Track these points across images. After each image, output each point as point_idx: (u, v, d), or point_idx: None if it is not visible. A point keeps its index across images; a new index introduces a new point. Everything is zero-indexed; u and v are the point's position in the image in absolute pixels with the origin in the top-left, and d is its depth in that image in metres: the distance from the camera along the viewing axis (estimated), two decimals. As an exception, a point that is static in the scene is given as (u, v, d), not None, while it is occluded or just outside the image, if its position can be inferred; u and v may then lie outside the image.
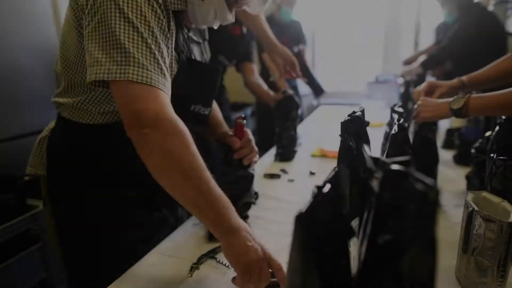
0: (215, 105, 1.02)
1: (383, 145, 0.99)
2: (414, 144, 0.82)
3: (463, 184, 1.09)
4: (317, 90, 2.09)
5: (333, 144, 1.53)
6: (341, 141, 0.71)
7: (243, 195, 0.88)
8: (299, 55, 2.04)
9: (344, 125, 0.70)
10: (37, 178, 1.36)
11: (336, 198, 0.35)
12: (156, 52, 0.64)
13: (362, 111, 0.74)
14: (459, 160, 1.32)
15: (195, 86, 0.84)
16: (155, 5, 0.66)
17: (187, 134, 0.62)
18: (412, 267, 0.27)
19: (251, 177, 0.91)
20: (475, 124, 1.29)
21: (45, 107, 1.63)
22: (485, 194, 0.63)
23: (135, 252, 0.81)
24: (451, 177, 1.19)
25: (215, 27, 0.86)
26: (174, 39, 0.74)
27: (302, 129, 1.89)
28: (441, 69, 2.38)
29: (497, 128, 0.77)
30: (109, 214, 0.84)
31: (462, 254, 0.63)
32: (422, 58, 2.38)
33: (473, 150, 1.01)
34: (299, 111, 1.53)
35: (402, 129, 0.67)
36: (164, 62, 0.66)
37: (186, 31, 0.83)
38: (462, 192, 1.06)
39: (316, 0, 3.83)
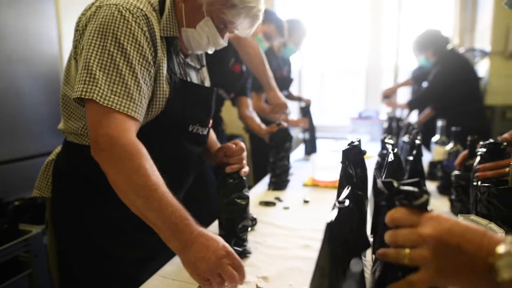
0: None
1: (376, 172, 1.06)
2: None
3: (449, 212, 1.16)
4: (312, 148, 2.25)
5: (324, 174, 1.61)
6: (342, 168, 0.77)
7: (239, 218, 0.90)
8: (306, 110, 2.22)
9: (345, 153, 0.76)
10: (28, 203, 1.35)
11: (355, 210, 0.40)
12: (128, 79, 0.71)
13: (359, 141, 0.81)
14: (442, 190, 1.40)
15: (191, 107, 0.88)
16: (139, 34, 0.73)
17: (141, 155, 0.68)
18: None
19: (246, 198, 0.93)
20: (455, 156, 1.39)
21: (39, 132, 1.64)
22: (473, 217, 0.69)
23: (136, 276, 0.82)
24: (436, 205, 1.27)
25: (210, 52, 0.94)
26: (165, 63, 0.80)
27: (292, 160, 1.96)
28: (426, 116, 2.53)
29: (478, 158, 0.86)
30: (111, 236, 0.85)
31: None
32: (400, 90, 2.56)
33: (453, 178, 1.10)
34: (292, 143, 1.60)
35: (397, 157, 0.74)
36: (139, 88, 0.72)
37: (183, 56, 0.90)
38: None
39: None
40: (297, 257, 0.89)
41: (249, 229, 0.95)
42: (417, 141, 1.06)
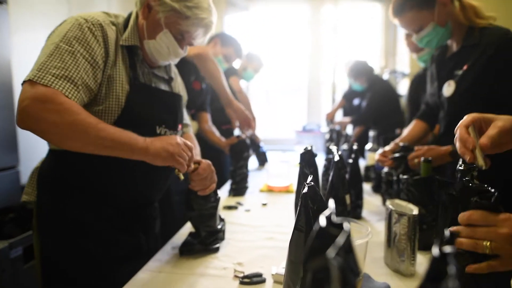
0: None
1: (324, 173, 1.27)
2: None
3: (381, 206, 1.42)
4: (263, 160, 2.52)
5: (277, 181, 1.80)
6: (299, 168, 0.96)
7: (207, 219, 0.99)
8: (255, 136, 2.44)
9: (301, 156, 0.95)
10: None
11: (317, 188, 0.57)
12: (70, 65, 0.80)
13: (311, 147, 1.00)
14: (376, 189, 1.68)
15: (155, 109, 0.97)
16: (89, 37, 0.85)
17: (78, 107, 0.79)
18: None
19: (214, 207, 1.00)
20: (385, 161, 1.68)
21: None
22: (397, 201, 0.92)
23: (120, 273, 0.89)
24: (372, 201, 1.52)
25: (173, 63, 1.06)
26: (122, 67, 0.91)
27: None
28: (359, 131, 2.98)
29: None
30: (93, 237, 0.92)
31: (387, 246, 0.89)
32: (338, 113, 2.97)
33: (383, 175, 1.36)
34: (250, 152, 1.78)
35: (341, 157, 0.95)
36: (78, 75, 0.81)
37: (149, 67, 1.01)
38: (381, 211, 1.38)
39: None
40: (264, 247, 1.04)
41: (220, 226, 1.07)
42: (355, 147, 1.30)
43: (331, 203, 0.34)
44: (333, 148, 1.16)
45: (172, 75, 1.12)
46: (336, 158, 0.92)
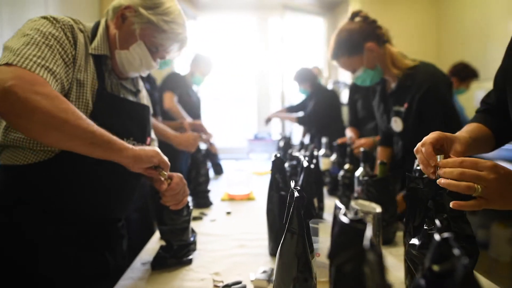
0: None
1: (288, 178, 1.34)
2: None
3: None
4: (219, 170, 2.54)
5: (237, 189, 1.82)
6: (271, 174, 0.99)
7: (180, 233, 0.98)
8: (212, 146, 2.46)
9: (273, 163, 0.99)
10: None
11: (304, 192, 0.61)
12: (44, 50, 0.76)
13: (280, 155, 1.05)
14: (331, 192, 1.78)
15: (122, 120, 0.94)
16: (60, 32, 0.82)
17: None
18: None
19: (186, 222, 0.99)
20: (338, 165, 1.79)
21: None
22: (360, 201, 1.00)
23: None
24: (329, 204, 1.62)
25: (144, 75, 1.05)
26: (89, 74, 0.87)
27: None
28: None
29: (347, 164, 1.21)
30: (51, 257, 0.85)
31: (354, 243, 0.96)
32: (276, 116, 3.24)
33: (340, 178, 1.46)
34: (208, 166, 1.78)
35: (310, 164, 1.01)
36: (53, 59, 0.77)
37: (117, 77, 0.98)
38: (340, 213, 1.48)
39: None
40: (237, 255, 1.05)
41: (192, 238, 1.06)
42: (315, 153, 1.38)
43: (338, 203, 0.37)
44: (300, 155, 1.22)
45: (139, 87, 1.10)
46: (305, 164, 0.98)
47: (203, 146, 1.89)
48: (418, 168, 0.76)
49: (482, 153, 0.82)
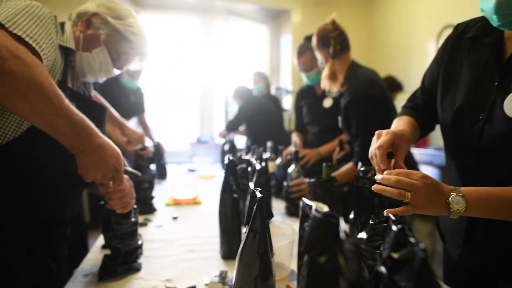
0: None
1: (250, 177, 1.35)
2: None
3: (283, 208, 1.57)
4: (163, 173, 2.46)
5: (183, 193, 1.78)
6: (224, 177, 0.99)
7: (130, 237, 0.93)
8: (159, 146, 2.41)
9: (226, 166, 0.99)
10: None
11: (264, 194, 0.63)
12: (41, 32, 0.73)
13: (232, 158, 1.06)
14: (277, 194, 1.84)
15: None
16: (47, 17, 0.78)
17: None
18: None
19: (134, 225, 0.95)
20: (283, 167, 1.86)
21: None
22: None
23: None
24: (275, 206, 1.67)
25: (100, 81, 1.01)
26: (60, 66, 0.84)
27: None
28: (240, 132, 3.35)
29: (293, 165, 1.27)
30: None
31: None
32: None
33: (285, 183, 1.52)
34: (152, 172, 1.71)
35: (265, 166, 1.03)
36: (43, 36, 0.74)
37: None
38: (283, 213, 1.53)
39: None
40: (187, 260, 1.03)
41: (140, 242, 1.01)
42: (264, 156, 1.42)
43: (307, 200, 0.40)
44: (251, 158, 1.24)
45: (91, 93, 1.08)
46: (258, 166, 1.00)
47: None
48: (363, 168, 0.83)
49: (413, 143, 0.92)
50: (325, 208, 0.99)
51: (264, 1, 4.25)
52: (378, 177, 0.68)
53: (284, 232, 0.93)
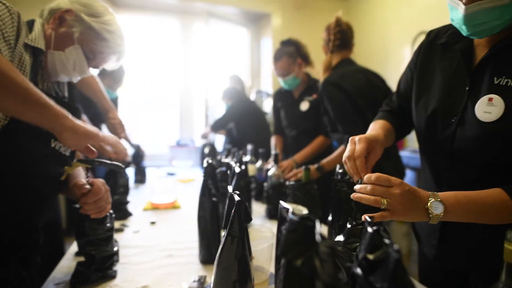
0: None
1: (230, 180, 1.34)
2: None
3: (264, 212, 1.57)
4: (143, 176, 2.40)
5: (161, 197, 1.75)
6: (203, 180, 0.98)
7: (105, 243, 0.91)
8: (139, 149, 2.36)
9: (205, 169, 0.98)
10: None
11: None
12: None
13: (211, 162, 1.05)
14: (257, 197, 1.84)
15: None
16: (6, 14, 0.76)
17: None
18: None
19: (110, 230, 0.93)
20: (263, 170, 1.86)
21: None
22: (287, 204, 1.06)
23: None
24: (255, 209, 1.66)
25: (75, 80, 0.97)
26: (24, 62, 0.81)
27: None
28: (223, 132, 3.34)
29: (273, 168, 1.27)
30: None
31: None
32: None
33: (266, 184, 1.52)
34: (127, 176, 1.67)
35: (245, 169, 1.03)
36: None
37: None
38: (263, 216, 1.52)
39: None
40: (165, 265, 1.00)
41: (116, 248, 0.98)
42: (244, 159, 1.41)
43: (284, 204, 0.40)
44: (230, 161, 1.23)
45: (65, 94, 1.03)
46: (237, 170, 1.00)
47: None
48: (341, 171, 0.84)
49: (387, 146, 0.94)
50: (304, 211, 1.00)
51: (244, 4, 4.27)
52: (357, 186, 0.70)
53: (264, 235, 0.92)
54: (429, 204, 0.67)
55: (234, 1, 4.20)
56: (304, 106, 2.07)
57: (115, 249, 0.94)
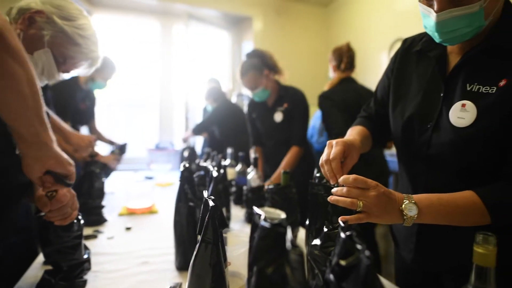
0: None
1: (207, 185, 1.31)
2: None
3: (241, 215, 1.55)
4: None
5: (138, 202, 1.70)
6: (179, 185, 0.96)
7: (71, 251, 0.87)
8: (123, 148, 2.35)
9: (181, 173, 0.96)
10: None
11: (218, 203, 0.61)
12: None
13: (187, 165, 1.03)
14: (237, 201, 1.82)
15: None
16: None
17: None
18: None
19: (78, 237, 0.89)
20: (243, 174, 1.85)
21: None
22: (266, 208, 1.05)
23: None
24: (234, 213, 1.64)
25: (41, 85, 0.93)
26: None
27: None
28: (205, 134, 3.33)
29: (253, 172, 1.26)
30: None
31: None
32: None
33: (245, 189, 1.51)
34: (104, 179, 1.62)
35: (224, 173, 1.01)
36: None
37: None
38: (242, 220, 1.51)
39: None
40: (140, 273, 0.97)
41: (86, 256, 0.94)
42: (223, 163, 1.40)
43: (257, 210, 0.39)
44: (208, 165, 1.21)
45: None
46: (214, 174, 0.98)
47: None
48: (318, 175, 0.84)
49: (364, 151, 0.96)
50: (282, 215, 0.99)
51: (225, 7, 4.26)
52: (334, 190, 0.70)
53: (242, 240, 0.91)
54: (403, 206, 0.67)
55: (215, 4, 4.19)
56: (278, 117, 2.06)
57: (85, 256, 0.91)
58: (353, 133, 0.94)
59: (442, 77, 0.80)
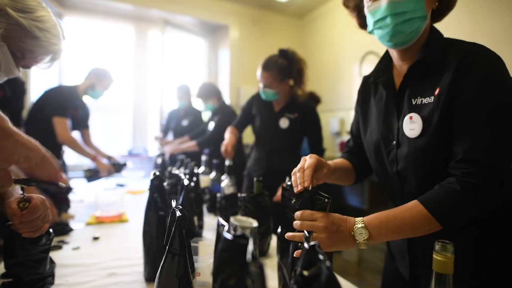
0: None
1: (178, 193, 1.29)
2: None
3: (215, 223, 1.54)
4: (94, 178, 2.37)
5: (107, 211, 1.64)
6: (149, 194, 0.94)
7: (36, 265, 0.81)
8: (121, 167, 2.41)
9: (151, 181, 0.94)
10: None
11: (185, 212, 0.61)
12: None
13: (158, 173, 1.01)
14: (210, 209, 1.80)
15: None
16: None
17: None
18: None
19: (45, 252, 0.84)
20: (218, 182, 1.84)
21: None
22: (239, 217, 1.05)
23: None
24: (207, 221, 1.63)
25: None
26: None
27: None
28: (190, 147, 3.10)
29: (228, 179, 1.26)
30: None
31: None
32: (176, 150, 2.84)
33: (218, 196, 1.50)
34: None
35: (191, 182, 1.00)
36: None
37: None
38: (215, 228, 1.49)
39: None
40: (106, 285, 0.94)
41: (50, 270, 0.89)
42: (196, 171, 1.38)
43: (221, 220, 0.39)
44: (180, 172, 1.20)
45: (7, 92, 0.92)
46: (186, 182, 0.97)
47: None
48: (289, 183, 0.85)
49: (346, 183, 1.04)
50: (254, 224, 0.99)
51: (202, 15, 4.26)
52: (295, 224, 0.74)
53: (213, 249, 0.90)
54: (354, 231, 0.70)
55: (191, 11, 4.18)
56: (284, 123, 2.00)
57: (49, 270, 0.86)
58: (333, 161, 0.98)
59: (392, 99, 0.88)
